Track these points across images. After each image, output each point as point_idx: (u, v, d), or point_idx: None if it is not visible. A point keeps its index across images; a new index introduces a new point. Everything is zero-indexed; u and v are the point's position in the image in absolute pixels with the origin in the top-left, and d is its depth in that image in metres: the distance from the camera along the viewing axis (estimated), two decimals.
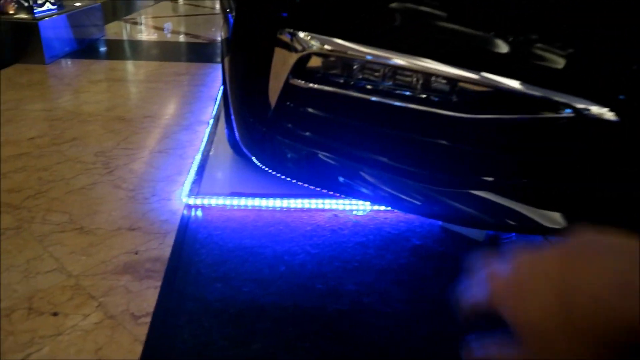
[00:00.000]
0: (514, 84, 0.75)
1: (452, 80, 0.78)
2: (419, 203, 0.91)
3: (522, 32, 0.75)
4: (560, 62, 0.74)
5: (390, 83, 0.82)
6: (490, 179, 0.86)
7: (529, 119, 0.78)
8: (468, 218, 0.90)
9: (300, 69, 0.84)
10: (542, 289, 0.28)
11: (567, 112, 0.74)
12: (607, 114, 0.72)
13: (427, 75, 0.79)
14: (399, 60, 0.78)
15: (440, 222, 1.33)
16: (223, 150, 1.66)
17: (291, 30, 0.81)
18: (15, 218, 1.25)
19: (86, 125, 1.91)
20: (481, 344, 0.33)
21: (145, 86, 2.56)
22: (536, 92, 0.75)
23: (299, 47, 0.81)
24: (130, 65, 3.02)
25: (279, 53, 0.86)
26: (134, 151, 1.69)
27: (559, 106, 0.74)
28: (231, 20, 1.00)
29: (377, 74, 0.81)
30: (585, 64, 0.75)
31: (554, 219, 0.84)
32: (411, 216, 1.34)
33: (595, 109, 0.73)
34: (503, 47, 0.75)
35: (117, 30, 4.32)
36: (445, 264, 1.17)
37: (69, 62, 2.96)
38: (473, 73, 0.76)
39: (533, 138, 0.81)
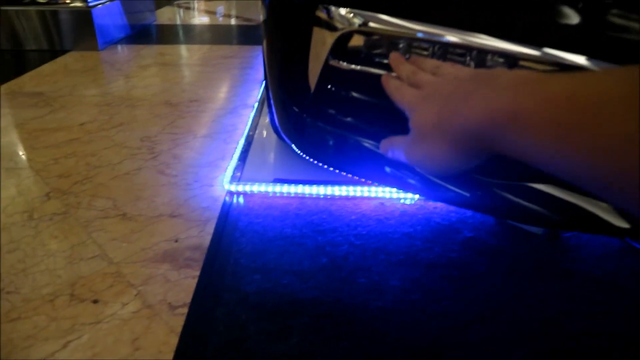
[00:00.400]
0: (581, 60, 0.65)
1: (511, 58, 0.69)
2: (472, 197, 0.82)
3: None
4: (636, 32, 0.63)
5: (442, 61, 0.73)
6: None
7: None
8: (528, 214, 0.81)
9: (341, 48, 0.77)
10: (432, 104, 0.42)
11: None
12: None
13: (483, 52, 0.70)
14: (449, 37, 0.69)
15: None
16: (267, 135, 1.63)
17: (329, 6, 0.74)
18: (63, 203, 1.27)
19: (134, 110, 1.93)
20: (389, 139, 0.52)
21: (193, 70, 2.56)
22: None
23: (339, 25, 0.74)
24: (179, 49, 3.04)
25: (317, 32, 0.80)
26: (179, 136, 1.69)
27: None
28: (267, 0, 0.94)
29: (425, 52, 0.73)
30: None
31: (625, 219, 0.74)
32: None
33: None
34: (570, 18, 0.65)
35: (169, 15, 4.37)
36: (499, 260, 1.08)
37: (121, 48, 3.02)
38: (535, 49, 0.67)
39: None
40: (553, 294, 0.99)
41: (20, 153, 1.55)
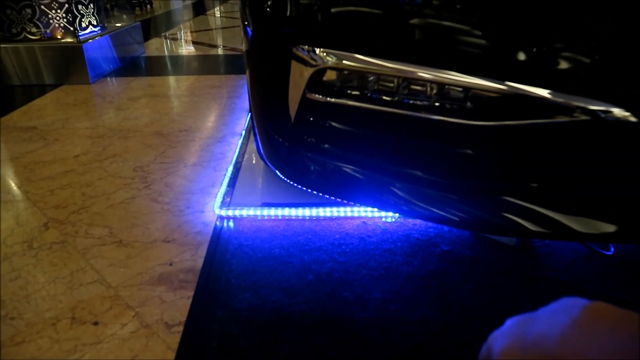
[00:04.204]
0: (533, 90, 0.75)
1: (468, 90, 0.79)
2: (447, 214, 0.91)
3: (542, 38, 0.74)
4: (580, 65, 0.73)
5: (407, 93, 0.83)
6: (519, 184, 0.85)
7: (550, 123, 0.77)
8: (499, 226, 0.89)
9: (316, 82, 0.86)
10: None
11: (586, 116, 0.72)
12: (629, 116, 0.70)
13: (442, 85, 0.79)
14: (415, 72, 0.78)
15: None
16: (254, 162, 1.71)
17: (305, 46, 0.83)
18: (61, 232, 1.33)
19: (126, 141, 2.01)
20: None
21: (182, 100, 2.65)
22: (557, 97, 0.74)
23: (314, 62, 0.83)
24: (168, 81, 3.14)
25: (295, 67, 0.89)
26: (170, 165, 1.76)
27: (576, 110, 0.72)
28: (249, 33, 1.04)
29: (391, 85, 0.82)
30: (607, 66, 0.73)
31: (591, 224, 0.82)
32: None
33: (617, 111, 0.71)
34: (522, 55, 0.75)
35: (157, 46, 4.49)
36: (474, 269, 1.16)
37: (111, 81, 3.11)
38: (490, 81, 0.76)
39: (558, 142, 0.80)
40: (524, 298, 1.06)
41: (17, 186, 1.62)
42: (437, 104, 0.81)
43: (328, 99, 0.85)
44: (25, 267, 1.19)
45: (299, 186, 1.05)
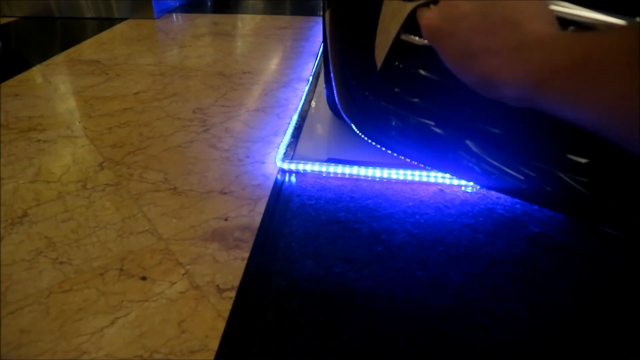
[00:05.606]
0: None
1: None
2: (545, 192, 0.73)
3: None
4: None
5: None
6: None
7: None
8: (605, 216, 0.71)
9: (415, 21, 0.69)
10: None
11: None
12: None
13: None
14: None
15: None
16: (322, 112, 1.56)
17: None
18: (116, 174, 1.26)
19: (187, 80, 1.91)
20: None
21: (246, 40, 2.51)
22: None
23: None
24: (233, 19, 2.99)
25: (388, 3, 0.71)
26: (231, 109, 1.65)
27: None
28: None
29: None
30: None
31: None
32: None
33: None
34: None
35: None
36: (571, 260, 0.99)
37: (176, 17, 3.00)
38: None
39: None
40: (631, 302, 0.89)
41: (77, 121, 1.56)
42: None
43: (426, 41, 0.68)
44: (77, 209, 1.13)
45: (374, 143, 0.90)
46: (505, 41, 0.39)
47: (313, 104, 1.63)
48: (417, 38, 0.69)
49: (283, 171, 1.27)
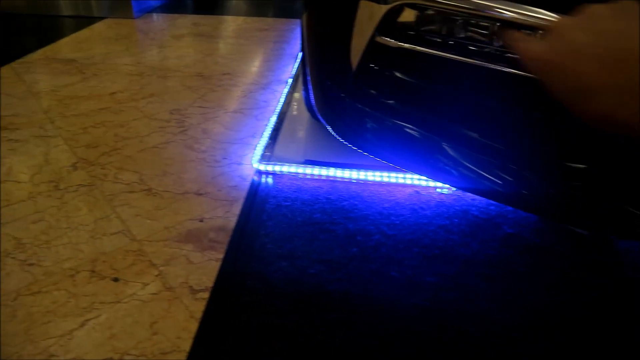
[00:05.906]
0: None
1: None
2: (520, 194, 0.74)
3: None
4: None
5: (502, 43, 0.65)
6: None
7: None
8: (577, 218, 0.73)
9: (389, 24, 0.69)
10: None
11: None
12: None
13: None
14: (514, 14, 0.60)
15: None
16: (299, 113, 1.56)
17: None
18: (89, 175, 1.24)
19: (165, 81, 1.89)
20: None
21: (227, 42, 2.50)
22: None
23: None
24: (215, 20, 2.97)
25: (364, 6, 0.72)
26: (209, 110, 1.64)
27: None
28: None
29: (485, 32, 0.64)
30: None
31: None
32: None
33: None
34: None
35: None
36: (544, 261, 1.00)
37: (156, 17, 2.97)
38: None
39: None
40: (604, 301, 0.90)
41: (50, 121, 1.53)
42: None
43: (402, 44, 0.69)
44: (49, 210, 1.10)
45: (350, 145, 0.90)
46: (632, 77, 0.36)
47: (292, 106, 1.63)
48: (392, 40, 0.70)
49: (260, 172, 1.27)
